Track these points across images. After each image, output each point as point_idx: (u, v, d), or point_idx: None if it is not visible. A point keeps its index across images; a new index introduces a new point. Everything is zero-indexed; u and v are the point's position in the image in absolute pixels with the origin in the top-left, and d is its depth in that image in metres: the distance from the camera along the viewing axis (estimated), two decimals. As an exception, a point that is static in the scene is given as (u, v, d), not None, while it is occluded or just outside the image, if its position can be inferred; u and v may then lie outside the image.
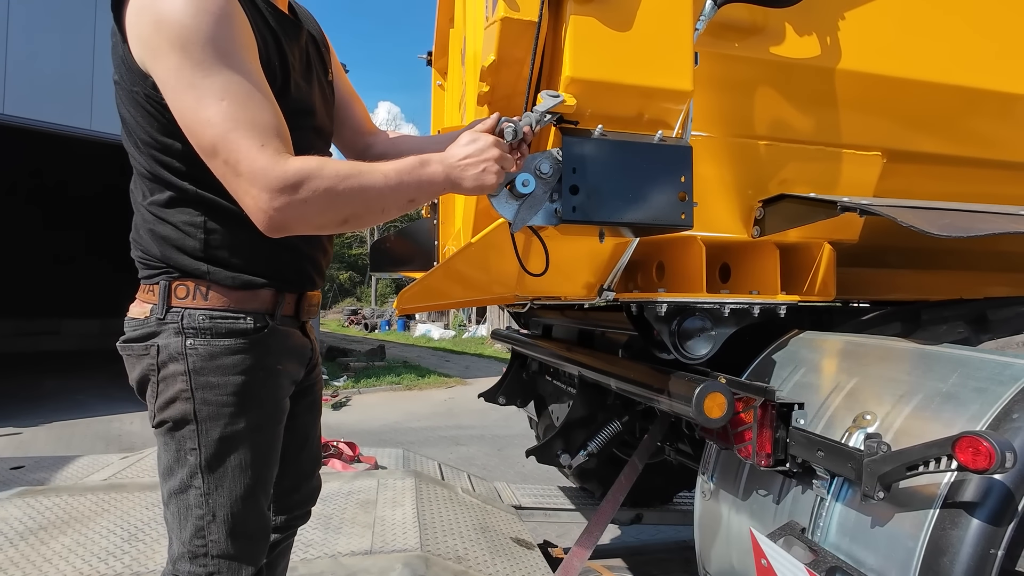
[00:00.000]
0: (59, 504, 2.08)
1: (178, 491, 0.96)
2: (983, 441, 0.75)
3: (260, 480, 1.01)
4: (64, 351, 12.78)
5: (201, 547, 0.95)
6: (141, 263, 1.00)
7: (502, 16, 1.01)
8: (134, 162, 0.97)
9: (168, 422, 0.96)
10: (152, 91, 0.87)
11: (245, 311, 0.98)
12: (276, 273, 1.02)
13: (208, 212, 0.95)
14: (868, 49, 1.36)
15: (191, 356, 0.94)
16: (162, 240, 0.96)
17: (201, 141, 0.82)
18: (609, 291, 1.45)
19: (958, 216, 1.12)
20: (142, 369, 0.98)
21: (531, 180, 1.04)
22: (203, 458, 0.94)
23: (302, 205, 0.81)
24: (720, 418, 1.15)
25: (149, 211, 0.96)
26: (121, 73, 0.91)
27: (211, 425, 0.95)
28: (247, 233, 0.94)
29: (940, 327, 1.29)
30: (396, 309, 1.50)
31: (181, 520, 0.96)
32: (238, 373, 0.96)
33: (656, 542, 3.06)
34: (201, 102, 0.79)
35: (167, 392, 0.95)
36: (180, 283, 0.96)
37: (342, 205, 0.84)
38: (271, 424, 1.03)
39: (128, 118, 0.94)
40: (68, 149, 8.66)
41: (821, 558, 0.99)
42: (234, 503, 0.96)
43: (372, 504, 2.22)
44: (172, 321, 0.95)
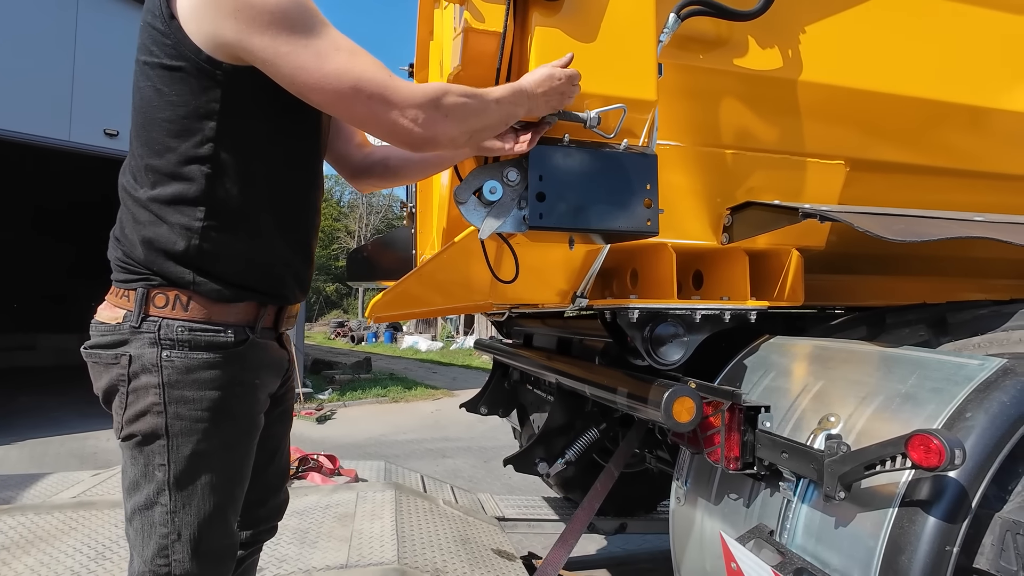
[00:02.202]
0: (24, 523, 2.01)
1: (143, 507, 0.92)
2: (933, 439, 0.77)
3: (230, 498, 0.98)
4: (40, 367, 12.46)
5: (163, 566, 0.91)
6: (120, 265, 0.96)
7: (466, 27, 1.03)
8: (142, 152, 0.93)
9: (136, 436, 0.92)
10: (207, 65, 0.87)
11: (226, 324, 0.96)
12: (260, 284, 1.00)
13: (208, 213, 0.93)
14: (829, 61, 1.40)
15: (166, 368, 0.91)
16: (150, 242, 0.92)
17: (338, 88, 0.84)
18: (582, 298, 1.46)
19: (913, 222, 1.15)
20: (110, 379, 0.94)
21: (499, 187, 1.05)
22: (172, 475, 0.91)
23: (445, 118, 0.89)
24: (689, 422, 1.16)
25: (147, 208, 0.92)
26: (157, 51, 0.89)
27: (182, 441, 0.91)
28: (239, 241, 0.96)
29: (903, 330, 1.32)
30: (368, 317, 1.49)
31: (144, 538, 0.92)
32: (214, 388, 0.93)
33: (641, 551, 3.05)
34: (322, 57, 0.84)
35: (137, 405, 0.91)
36: (160, 291, 0.93)
37: (472, 117, 0.92)
38: (245, 440, 1.00)
39: (155, 98, 0.91)
40: (46, 160, 8.54)
41: (788, 560, 1.00)
42: (201, 522, 0.93)
43: (350, 517, 2.18)
44: (147, 331, 0.91)
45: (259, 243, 0.98)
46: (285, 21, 0.83)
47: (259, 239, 0.98)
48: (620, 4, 1.09)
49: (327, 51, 0.84)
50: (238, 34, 0.84)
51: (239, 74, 0.89)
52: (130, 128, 0.97)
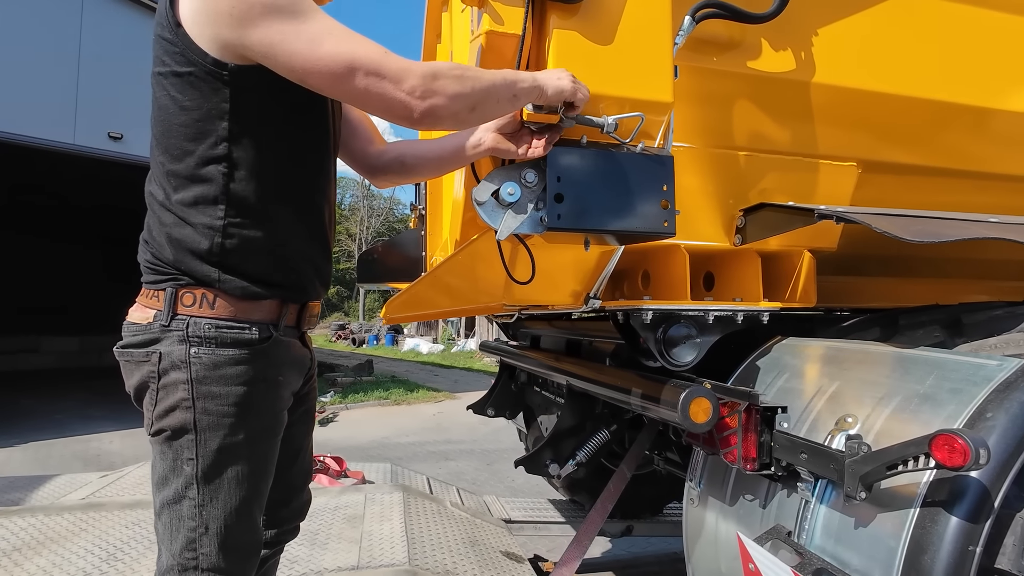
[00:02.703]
0: (35, 524, 2.01)
1: (172, 501, 0.94)
2: (958, 439, 0.77)
3: (255, 493, 1.00)
4: (42, 369, 12.47)
5: (191, 560, 0.93)
6: (149, 267, 0.99)
7: (487, 30, 1.04)
8: (163, 159, 0.97)
9: (166, 431, 0.94)
10: (214, 67, 0.90)
11: (250, 321, 0.99)
12: (283, 281, 1.03)
13: (228, 211, 0.95)
14: (842, 63, 1.41)
15: (194, 365, 0.93)
16: (178, 243, 0.96)
17: (333, 68, 0.86)
18: (595, 299, 1.47)
19: (929, 223, 1.16)
20: (141, 376, 0.96)
21: (516, 189, 1.06)
22: (200, 469, 0.93)
23: (443, 92, 0.89)
24: (706, 423, 1.16)
25: (172, 211, 0.96)
26: (168, 60, 0.93)
27: (210, 435, 0.94)
28: (260, 236, 0.98)
29: (917, 332, 1.33)
30: (383, 318, 1.50)
31: (172, 531, 0.94)
32: (240, 384, 0.96)
33: (647, 554, 3.04)
34: (315, 42, 0.86)
35: (167, 400, 0.94)
36: (187, 291, 0.96)
37: (471, 92, 0.91)
38: (269, 436, 1.03)
39: (170, 106, 0.94)
40: (50, 164, 8.56)
41: (807, 560, 1.00)
42: (228, 516, 0.95)
43: (359, 519, 2.18)
44: (176, 329, 0.95)
45: (278, 237, 1.01)
46: (276, 12, 0.85)
47: (278, 233, 1.01)
48: (637, 7, 1.10)
49: (319, 35, 0.86)
50: (235, 31, 0.87)
51: (245, 73, 0.92)
52: (150, 140, 1.01)
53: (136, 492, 2.45)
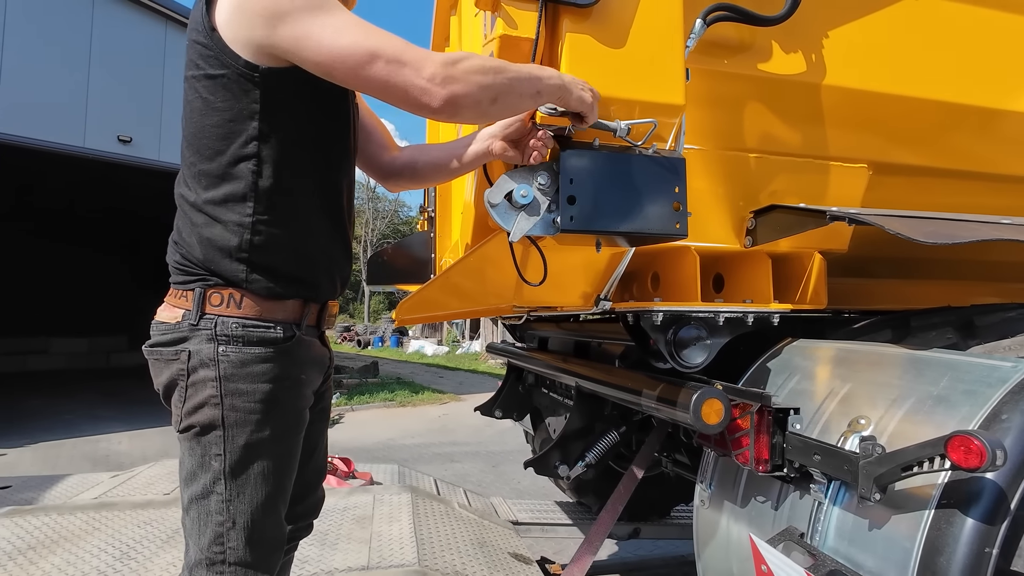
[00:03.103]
0: (48, 523, 2.03)
1: (200, 497, 0.96)
2: (974, 440, 0.77)
3: (280, 489, 1.02)
4: (52, 370, 12.58)
5: (219, 553, 0.96)
6: (178, 267, 1.02)
7: (500, 34, 1.05)
8: (194, 159, 1.00)
9: (195, 427, 0.97)
10: (245, 69, 0.93)
11: (275, 320, 1.01)
12: (306, 279, 1.06)
13: (257, 208, 0.98)
14: (853, 65, 1.41)
15: (222, 362, 0.96)
16: (208, 242, 0.98)
17: (356, 58, 0.88)
18: (606, 301, 1.47)
19: (943, 224, 1.16)
20: (171, 374, 0.99)
21: (529, 191, 1.07)
22: (227, 464, 0.96)
23: (465, 80, 0.90)
24: (717, 424, 1.16)
25: (202, 211, 0.98)
26: (202, 63, 0.96)
27: (237, 432, 0.96)
28: (286, 232, 1.01)
29: (929, 333, 1.32)
30: (395, 320, 1.51)
31: (201, 526, 0.96)
32: (266, 381, 0.98)
33: (655, 557, 3.03)
34: (338, 32, 0.88)
35: (196, 397, 0.96)
36: (215, 291, 0.99)
37: (492, 83, 0.92)
38: (293, 433, 1.05)
39: (202, 107, 0.97)
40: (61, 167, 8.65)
41: (820, 562, 1.00)
42: (254, 511, 0.97)
43: (368, 520, 2.19)
44: (205, 327, 0.97)
45: (303, 234, 1.04)
46: (303, 8, 0.89)
47: (303, 230, 1.04)
48: (648, 11, 1.11)
49: (342, 27, 0.89)
50: (266, 29, 0.90)
51: (275, 75, 0.95)
52: (181, 143, 1.03)
53: (147, 492, 2.47)
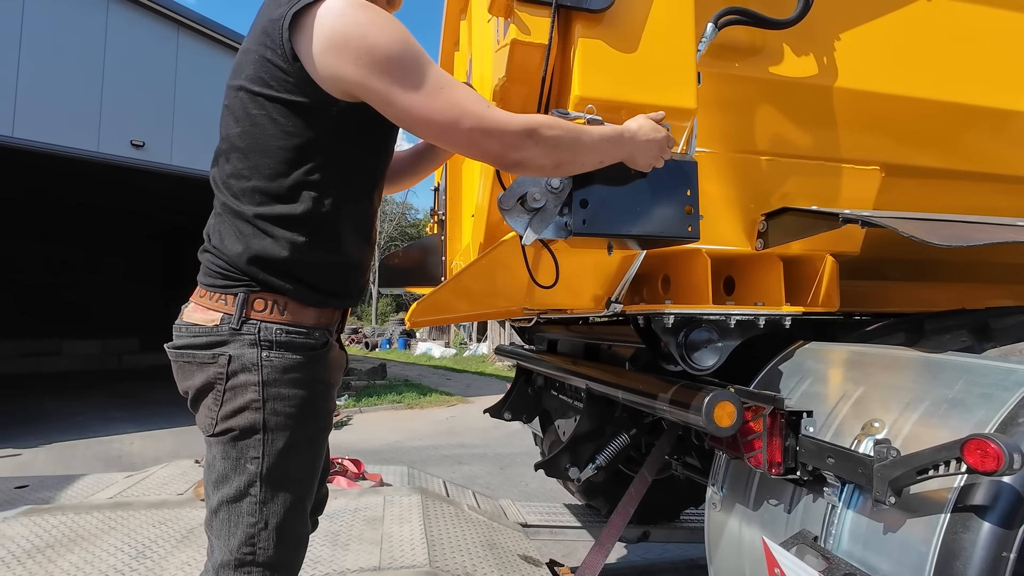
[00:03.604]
0: (65, 522, 2.07)
1: (232, 499, 0.97)
2: (991, 443, 0.76)
3: (309, 489, 1.05)
4: (65, 372, 12.74)
5: (249, 555, 0.96)
6: (218, 271, 1.02)
7: (513, 39, 1.06)
8: (250, 173, 1.00)
9: (234, 431, 0.97)
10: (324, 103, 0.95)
11: (314, 327, 1.04)
12: (343, 291, 1.08)
13: (310, 230, 1.00)
14: (864, 67, 1.41)
15: (265, 368, 0.97)
16: (255, 254, 0.99)
17: (443, 122, 0.93)
18: (617, 303, 1.48)
19: (958, 227, 1.15)
20: (206, 377, 0.99)
21: (542, 194, 1.07)
22: (265, 467, 0.97)
23: (536, 147, 0.95)
24: (730, 427, 1.16)
25: (252, 223, 0.99)
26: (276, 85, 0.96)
27: (277, 435, 0.97)
28: (332, 253, 1.04)
29: (944, 336, 1.31)
30: (407, 323, 1.53)
31: (231, 527, 0.97)
32: (304, 386, 1.00)
33: (664, 560, 3.02)
34: (430, 95, 0.93)
35: (235, 401, 0.97)
36: (259, 296, 1.00)
37: (561, 151, 0.97)
38: (324, 435, 1.09)
39: (270, 127, 0.97)
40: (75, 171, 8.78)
41: (834, 565, 0.99)
42: (286, 511, 0.99)
43: (379, 521, 2.20)
44: (248, 333, 0.98)
45: (344, 253, 1.07)
46: (399, 67, 0.92)
47: (345, 250, 1.07)
48: (660, 15, 1.11)
49: (433, 90, 0.93)
50: (358, 78, 0.92)
51: (351, 108, 0.98)
52: (224, 146, 1.03)
53: (161, 492, 2.50)
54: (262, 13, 1.01)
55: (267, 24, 0.97)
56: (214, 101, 3.89)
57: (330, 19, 0.91)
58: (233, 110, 1.02)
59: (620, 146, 1.02)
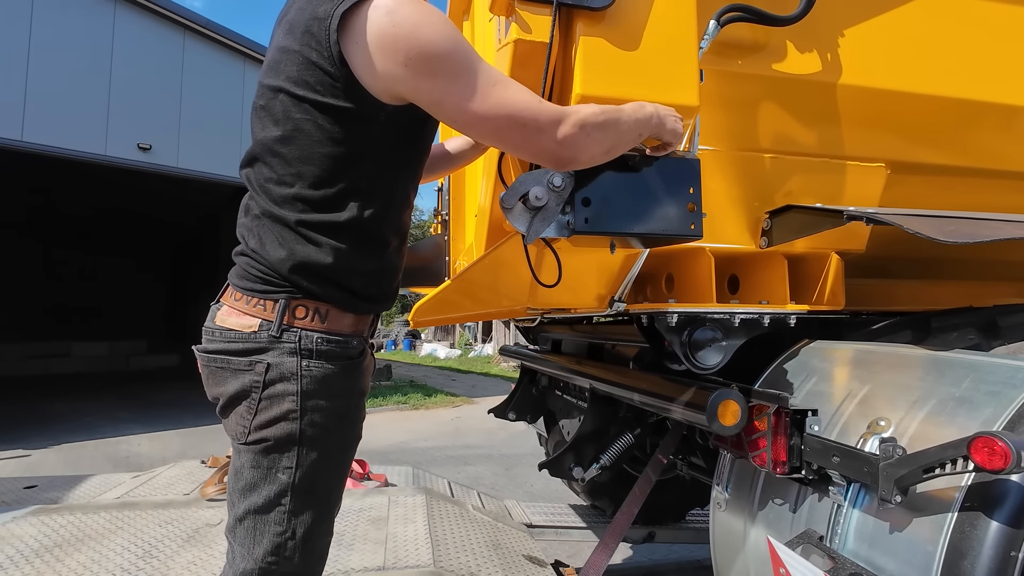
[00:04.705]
0: (73, 522, 2.08)
1: (260, 509, 0.94)
2: (998, 441, 0.76)
3: (337, 499, 1.03)
4: (74, 373, 12.85)
5: (274, 563, 0.94)
6: (258, 276, 0.97)
7: (515, 38, 1.06)
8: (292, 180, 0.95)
9: (268, 440, 0.94)
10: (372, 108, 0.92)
11: (353, 335, 1.02)
12: (380, 294, 1.06)
13: (354, 237, 0.97)
14: (868, 64, 1.40)
15: (305, 378, 0.94)
16: (298, 260, 0.95)
17: (496, 122, 0.91)
18: (620, 302, 1.47)
19: (964, 224, 1.14)
20: (241, 385, 0.95)
21: (544, 193, 1.07)
22: (297, 477, 0.94)
23: (588, 137, 0.94)
24: (734, 425, 1.16)
25: (294, 230, 0.95)
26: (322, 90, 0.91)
27: (312, 447, 0.95)
28: (374, 260, 1.02)
29: (951, 334, 1.30)
30: (411, 322, 1.53)
31: (256, 537, 0.94)
32: (343, 396, 0.98)
33: (669, 561, 3.01)
34: (482, 95, 0.90)
35: (271, 411, 0.93)
36: (301, 303, 0.96)
37: (608, 138, 0.97)
38: (355, 444, 1.06)
39: (315, 133, 0.93)
40: (82, 174, 8.86)
41: (840, 565, 0.99)
42: (314, 521, 0.96)
43: (383, 521, 2.21)
44: (288, 341, 0.94)
45: (386, 259, 1.06)
46: (450, 66, 0.89)
47: (387, 255, 1.05)
48: (662, 13, 1.11)
49: (485, 88, 0.90)
50: (408, 80, 0.89)
51: (398, 113, 0.95)
52: (260, 149, 0.98)
53: (167, 492, 2.52)
54: (302, 8, 0.94)
55: (310, 23, 0.91)
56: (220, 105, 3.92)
57: (378, 18, 0.87)
58: (272, 111, 0.96)
59: (648, 116, 1.01)
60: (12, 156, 6.95)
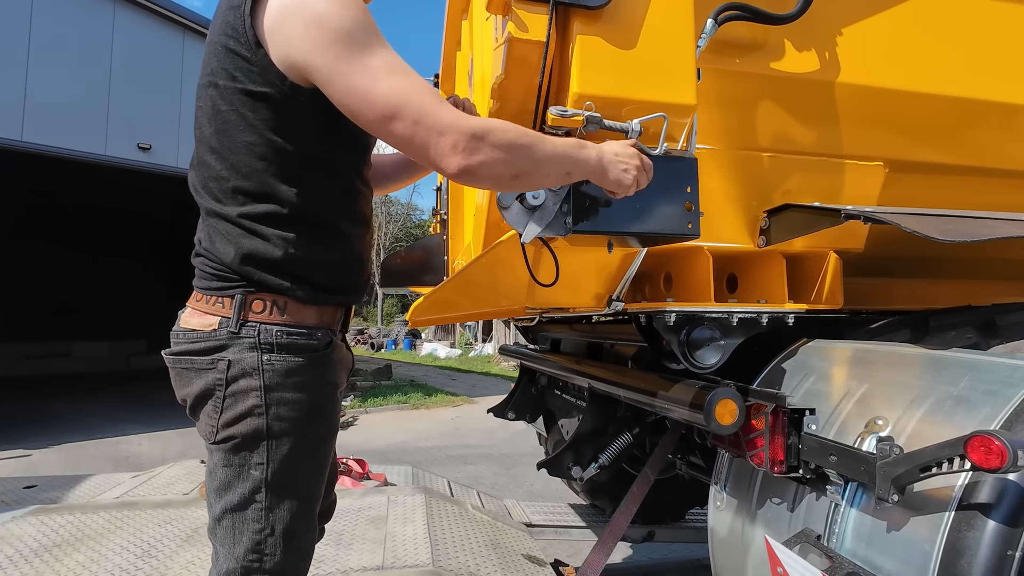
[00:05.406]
0: (72, 522, 2.08)
1: (236, 507, 0.94)
2: (995, 440, 0.75)
3: (316, 494, 1.02)
4: (74, 373, 12.86)
5: (255, 561, 0.93)
6: (212, 274, 0.97)
7: (511, 37, 1.06)
8: (228, 174, 0.95)
9: (236, 438, 0.93)
10: (291, 91, 0.90)
11: (316, 327, 1.00)
12: (343, 285, 1.04)
13: (299, 226, 0.96)
14: (866, 62, 1.40)
15: (267, 372, 0.93)
16: (247, 253, 0.94)
17: (384, 109, 0.85)
18: (618, 302, 1.47)
19: (962, 222, 1.14)
20: (205, 384, 0.94)
21: (541, 192, 1.07)
22: (269, 473, 0.93)
23: (490, 152, 0.86)
24: (731, 425, 1.15)
25: (237, 224, 0.95)
26: (242, 77, 0.91)
27: (281, 441, 0.94)
28: (326, 248, 1.00)
29: (949, 333, 1.30)
30: (409, 321, 1.53)
31: (236, 535, 0.94)
32: (309, 389, 0.96)
33: (669, 560, 3.01)
34: (375, 78, 0.85)
35: (236, 408, 0.93)
36: (257, 297, 0.95)
37: (519, 160, 0.89)
38: (330, 439, 1.05)
39: (239, 122, 0.92)
40: (83, 174, 8.87)
41: (837, 564, 0.99)
42: (292, 517, 0.95)
43: (383, 520, 2.21)
44: (247, 336, 0.93)
45: (342, 247, 1.04)
46: (347, 40, 0.85)
47: (342, 244, 1.04)
48: (659, 11, 1.11)
49: (380, 72, 0.85)
50: (304, 53, 0.86)
51: (319, 96, 0.91)
52: (200, 149, 0.98)
53: (167, 492, 2.52)
54: (222, 2, 0.95)
55: (227, 12, 0.91)
56: (218, 103, 3.74)
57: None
58: (204, 109, 0.96)
59: (587, 157, 0.94)
60: (12, 156, 6.95)
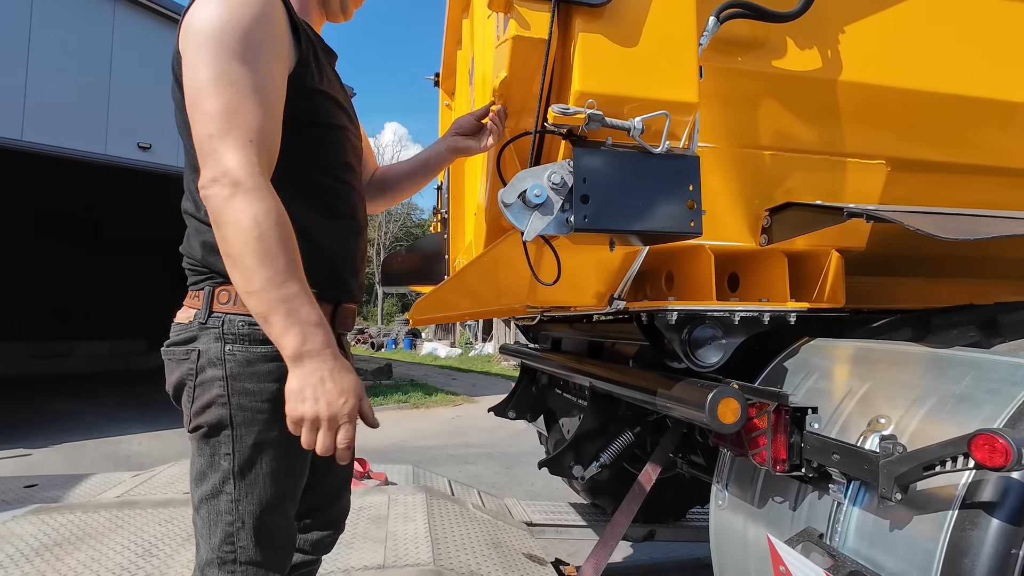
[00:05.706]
0: (73, 521, 2.08)
1: (209, 496, 0.96)
2: (999, 438, 0.75)
3: (289, 489, 1.01)
4: (74, 373, 12.87)
5: (230, 553, 0.95)
6: (190, 270, 1.03)
7: (513, 35, 1.05)
8: (191, 174, 0.99)
9: (204, 427, 0.96)
10: None
11: None
12: (314, 281, 1.01)
13: None
14: (869, 60, 1.39)
15: (229, 362, 0.95)
16: (209, 247, 0.97)
17: (202, 117, 0.85)
18: (619, 300, 1.47)
19: (965, 220, 1.14)
20: (180, 373, 0.98)
21: (543, 190, 1.07)
22: (236, 464, 0.95)
23: (228, 209, 0.82)
24: (734, 423, 1.15)
25: (201, 219, 0.98)
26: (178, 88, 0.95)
27: (246, 431, 0.95)
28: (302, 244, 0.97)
29: (951, 332, 1.30)
30: (409, 320, 1.53)
31: (211, 526, 0.96)
32: (273, 380, 0.97)
33: (669, 560, 3.01)
34: (214, 87, 0.84)
35: (203, 397, 0.96)
36: (223, 288, 0.98)
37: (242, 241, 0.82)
38: None
39: (186, 130, 0.95)
40: (83, 173, 8.86)
41: (840, 563, 0.98)
42: (263, 510, 0.97)
43: (383, 519, 2.21)
44: (213, 326, 0.97)
45: (320, 247, 1.04)
46: (208, 40, 0.85)
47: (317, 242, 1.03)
48: (661, 9, 1.10)
49: (221, 82, 0.84)
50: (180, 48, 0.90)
51: None
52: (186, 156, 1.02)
53: (168, 491, 2.52)
54: None
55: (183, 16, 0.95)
56: (218, 102, 3.69)
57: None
58: (177, 110, 0.99)
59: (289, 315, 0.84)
60: (12, 155, 6.95)
